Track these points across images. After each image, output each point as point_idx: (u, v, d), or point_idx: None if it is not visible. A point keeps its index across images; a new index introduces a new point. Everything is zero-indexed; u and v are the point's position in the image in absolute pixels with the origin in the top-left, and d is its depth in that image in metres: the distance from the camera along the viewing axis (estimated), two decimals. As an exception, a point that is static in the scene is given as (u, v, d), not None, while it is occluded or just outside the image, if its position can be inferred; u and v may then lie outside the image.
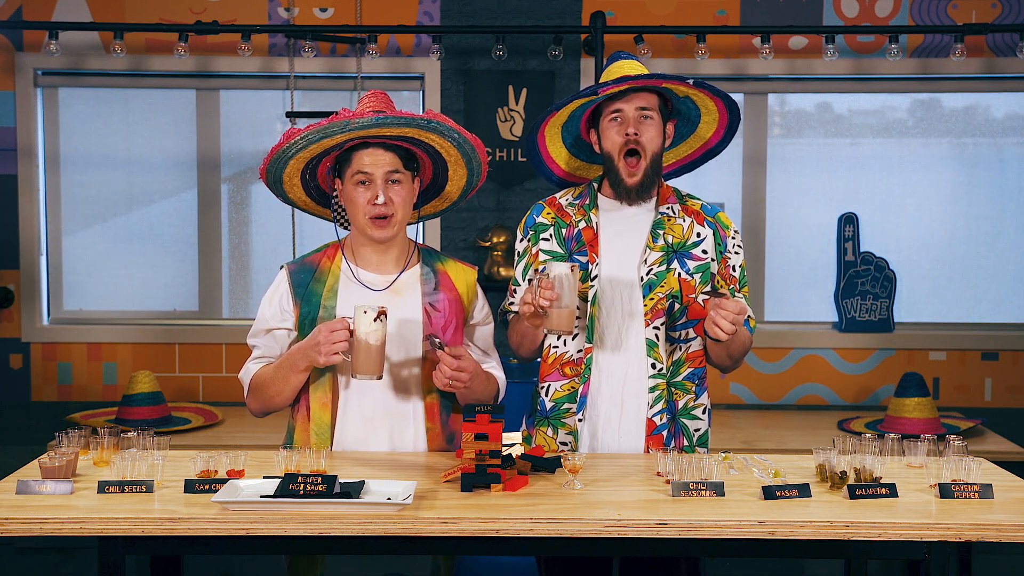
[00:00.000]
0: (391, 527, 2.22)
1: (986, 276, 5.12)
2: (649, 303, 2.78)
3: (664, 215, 2.83)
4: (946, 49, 4.89)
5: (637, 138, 2.75)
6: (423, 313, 2.76)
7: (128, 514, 2.24)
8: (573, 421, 2.81)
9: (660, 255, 2.79)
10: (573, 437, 2.82)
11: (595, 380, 2.80)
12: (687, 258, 2.81)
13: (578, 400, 2.80)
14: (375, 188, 2.67)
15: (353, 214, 2.72)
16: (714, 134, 2.96)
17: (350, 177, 2.70)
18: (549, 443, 2.85)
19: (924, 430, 4.18)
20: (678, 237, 2.82)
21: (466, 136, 2.73)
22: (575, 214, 2.87)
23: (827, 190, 5.12)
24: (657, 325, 2.78)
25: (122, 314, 5.14)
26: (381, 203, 2.67)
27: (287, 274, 2.80)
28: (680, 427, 2.82)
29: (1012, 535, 2.22)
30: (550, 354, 2.85)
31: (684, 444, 2.83)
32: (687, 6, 4.96)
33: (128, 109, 5.11)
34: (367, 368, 2.55)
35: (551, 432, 2.85)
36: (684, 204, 2.87)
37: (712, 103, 2.86)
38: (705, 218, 2.86)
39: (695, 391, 2.85)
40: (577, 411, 2.80)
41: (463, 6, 4.96)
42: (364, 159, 2.68)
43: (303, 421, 2.75)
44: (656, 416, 2.78)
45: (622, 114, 2.77)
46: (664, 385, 2.79)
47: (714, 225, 2.85)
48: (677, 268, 2.79)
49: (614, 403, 2.80)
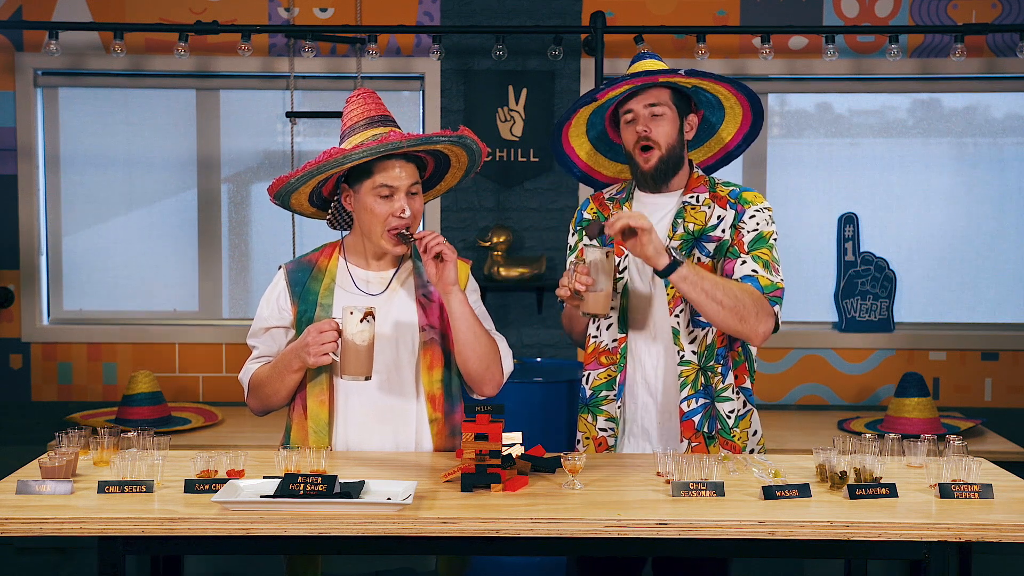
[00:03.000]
0: (391, 527, 2.22)
1: (986, 276, 5.12)
2: (671, 292, 2.83)
3: (687, 203, 2.88)
4: (946, 49, 4.89)
5: (647, 135, 2.83)
6: (417, 304, 2.77)
7: (128, 514, 2.24)
8: (612, 408, 2.90)
9: (679, 243, 2.84)
10: (614, 423, 2.90)
11: (630, 368, 2.89)
12: (706, 242, 2.84)
13: (616, 388, 2.89)
14: (400, 201, 2.68)
15: (370, 223, 2.70)
16: (742, 124, 3.01)
17: (371, 188, 2.68)
18: (589, 429, 2.93)
19: (924, 430, 4.18)
20: (699, 224, 2.86)
21: (480, 146, 2.79)
22: (613, 208, 2.97)
23: (827, 190, 5.13)
24: (678, 313, 2.83)
25: (122, 314, 5.14)
26: (408, 216, 2.67)
27: (285, 273, 2.81)
28: (717, 412, 2.85)
29: (1012, 535, 2.22)
30: (590, 344, 2.96)
31: (719, 428, 2.84)
32: (687, 6, 4.96)
33: (128, 109, 5.11)
34: (354, 369, 2.56)
35: (591, 419, 2.93)
36: (714, 192, 2.90)
37: (724, 90, 2.89)
38: (728, 200, 2.88)
39: (721, 372, 2.86)
40: (616, 398, 2.89)
41: (463, 6, 4.96)
42: (390, 172, 2.66)
43: (300, 419, 2.76)
44: (685, 402, 2.83)
45: (634, 113, 2.86)
46: (693, 372, 2.83)
47: (736, 205, 2.86)
48: (697, 254, 2.84)
49: (649, 391, 2.88)
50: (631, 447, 2.91)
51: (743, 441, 2.87)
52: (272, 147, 5.15)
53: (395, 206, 2.67)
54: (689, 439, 2.83)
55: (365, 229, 2.73)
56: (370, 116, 2.69)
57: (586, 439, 2.94)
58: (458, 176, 2.91)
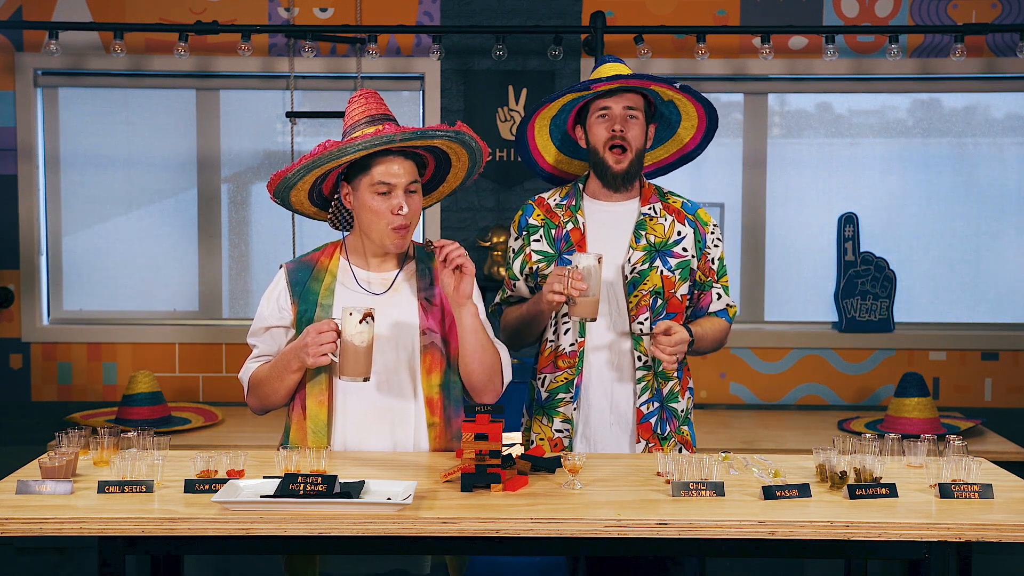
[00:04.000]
0: (391, 527, 2.22)
1: (986, 276, 5.12)
2: (634, 300, 2.92)
3: (646, 215, 2.97)
4: (946, 49, 4.89)
5: (623, 134, 2.89)
6: (418, 307, 2.76)
7: (128, 514, 2.24)
8: (568, 410, 2.94)
9: (643, 254, 2.93)
10: (570, 425, 2.94)
11: (587, 372, 2.93)
12: (669, 256, 2.95)
13: (573, 390, 2.93)
14: (398, 198, 2.67)
15: (370, 221, 2.70)
16: (691, 139, 3.10)
17: (369, 185, 2.68)
18: (544, 431, 2.97)
19: (924, 430, 4.18)
20: (660, 236, 2.96)
21: (480, 144, 2.79)
22: (563, 215, 3.01)
23: (827, 190, 5.12)
24: (641, 320, 2.91)
25: (122, 314, 5.14)
26: (406, 213, 2.67)
27: (285, 273, 2.80)
28: (670, 412, 2.95)
29: (1012, 535, 2.22)
30: (546, 348, 3.00)
31: (677, 426, 2.96)
32: (687, 6, 4.96)
33: (128, 109, 5.11)
34: (353, 370, 2.55)
35: (546, 421, 2.97)
36: (665, 202, 3.01)
37: (693, 109, 3.00)
38: (686, 216, 3.00)
39: (676, 375, 2.97)
40: (572, 400, 2.93)
41: (463, 6, 4.96)
42: (388, 169, 2.67)
43: (299, 419, 2.75)
44: (644, 405, 2.91)
45: (610, 112, 2.91)
46: (651, 376, 2.92)
47: (694, 223, 3.00)
48: (660, 266, 2.93)
49: (605, 394, 2.94)
50: (582, 448, 2.96)
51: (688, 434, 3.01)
52: (272, 147, 5.15)
53: (393, 203, 2.67)
54: (647, 440, 2.91)
55: (364, 227, 2.72)
56: (371, 115, 2.69)
57: (540, 440, 2.98)
58: (460, 177, 2.91)
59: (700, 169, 5.04)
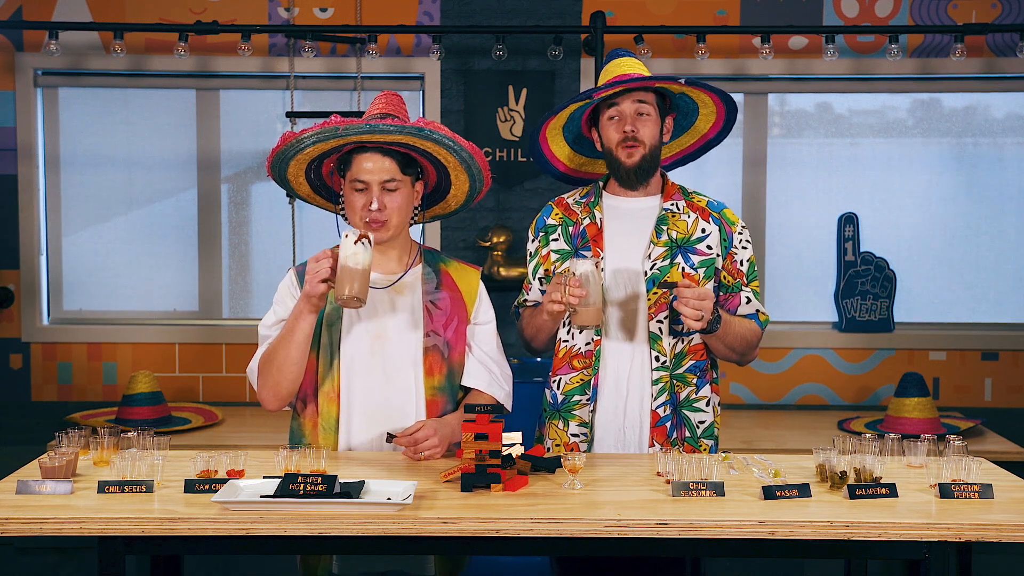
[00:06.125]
0: (391, 527, 2.22)
1: (986, 276, 5.12)
2: (653, 297, 2.84)
3: (668, 211, 2.90)
4: (946, 49, 4.89)
5: (635, 135, 2.83)
6: (424, 311, 2.77)
7: (128, 514, 2.25)
8: (584, 413, 2.87)
9: (664, 250, 2.86)
10: (587, 428, 2.87)
11: (602, 372, 2.87)
12: (691, 253, 2.87)
13: (590, 391, 2.86)
14: (370, 195, 2.69)
15: (350, 215, 2.76)
16: (712, 127, 3.03)
17: (349, 182, 2.73)
18: (561, 436, 2.90)
19: (924, 430, 4.18)
20: (682, 232, 2.88)
21: (462, 144, 2.72)
22: (581, 212, 2.95)
23: (827, 190, 5.12)
24: (660, 319, 2.84)
25: (122, 314, 5.14)
26: (375, 210, 2.68)
27: (294, 273, 2.82)
28: (682, 419, 2.87)
29: (1012, 535, 2.22)
30: (561, 348, 2.93)
31: (686, 435, 2.87)
32: (687, 6, 4.96)
33: (128, 109, 5.11)
34: (348, 291, 2.51)
35: (562, 425, 2.90)
36: (689, 200, 2.94)
37: (708, 98, 2.92)
38: (711, 214, 2.92)
39: (696, 383, 2.88)
40: (589, 402, 2.86)
41: (463, 6, 4.96)
42: (362, 165, 2.69)
43: (312, 415, 2.75)
44: (660, 408, 2.84)
45: (620, 112, 2.85)
46: (668, 378, 2.84)
47: (719, 221, 2.92)
48: (681, 262, 2.85)
49: (619, 395, 2.86)
50: (598, 451, 2.88)
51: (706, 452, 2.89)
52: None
53: (365, 199, 2.69)
54: (661, 444, 2.83)
55: (351, 222, 2.76)
56: (382, 112, 2.71)
57: (556, 446, 2.90)
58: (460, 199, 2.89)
59: (700, 169, 5.03)
